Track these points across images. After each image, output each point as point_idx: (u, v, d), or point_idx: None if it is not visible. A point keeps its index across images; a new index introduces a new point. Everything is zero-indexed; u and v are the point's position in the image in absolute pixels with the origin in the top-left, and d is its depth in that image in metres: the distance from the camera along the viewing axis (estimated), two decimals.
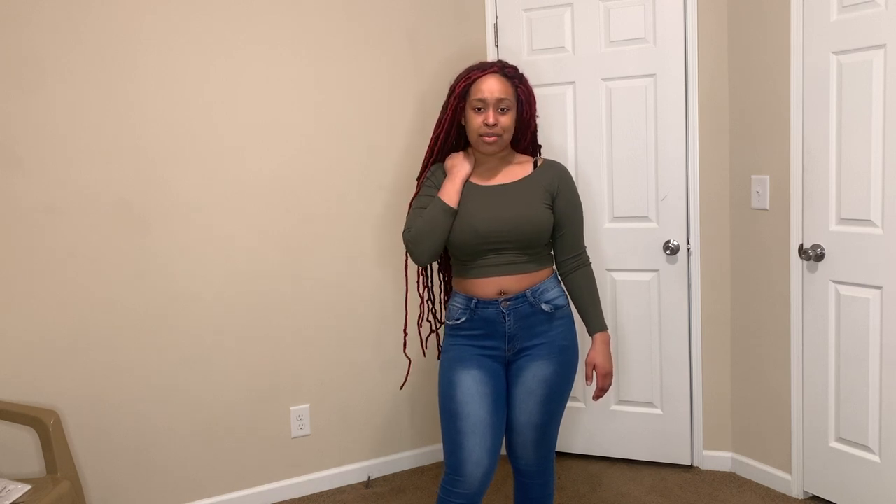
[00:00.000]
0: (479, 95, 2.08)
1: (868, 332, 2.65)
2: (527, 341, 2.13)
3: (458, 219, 2.09)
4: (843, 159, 2.67)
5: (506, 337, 2.12)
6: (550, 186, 2.14)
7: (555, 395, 2.14)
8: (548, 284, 2.15)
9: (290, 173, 3.03)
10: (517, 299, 2.10)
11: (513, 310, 2.10)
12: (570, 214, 2.17)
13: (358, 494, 3.13)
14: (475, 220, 2.08)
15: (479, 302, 2.11)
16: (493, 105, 2.07)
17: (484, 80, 2.09)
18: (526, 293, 2.10)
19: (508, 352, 2.14)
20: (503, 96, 2.08)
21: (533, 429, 2.16)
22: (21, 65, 2.57)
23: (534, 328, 2.12)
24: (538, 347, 2.12)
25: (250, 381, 3.02)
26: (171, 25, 2.78)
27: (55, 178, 2.64)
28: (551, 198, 2.14)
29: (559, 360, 2.13)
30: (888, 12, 2.49)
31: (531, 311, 2.11)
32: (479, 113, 2.09)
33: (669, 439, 3.25)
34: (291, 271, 3.06)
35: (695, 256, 3.14)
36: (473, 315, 2.13)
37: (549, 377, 2.13)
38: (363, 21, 3.12)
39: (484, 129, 2.08)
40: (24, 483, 2.33)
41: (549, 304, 2.12)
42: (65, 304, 2.68)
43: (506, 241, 2.07)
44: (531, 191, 2.12)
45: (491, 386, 2.09)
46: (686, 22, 3.04)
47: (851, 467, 2.75)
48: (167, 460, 2.88)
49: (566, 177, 2.18)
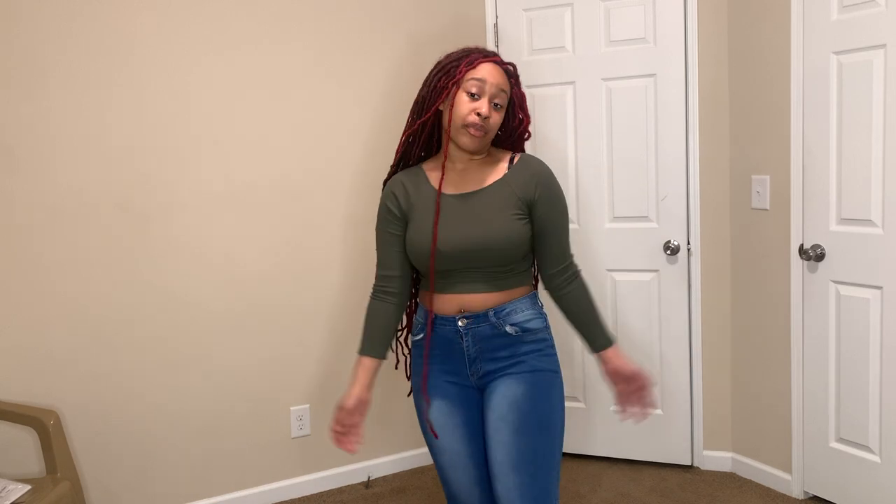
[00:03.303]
0: (479, 75, 1.78)
1: (868, 333, 2.65)
2: (490, 364, 1.83)
3: (418, 235, 1.82)
4: (844, 159, 2.67)
5: (465, 359, 1.84)
6: (525, 193, 1.81)
7: (531, 422, 1.78)
8: (519, 304, 1.83)
9: (291, 174, 3.03)
10: (477, 318, 1.81)
11: (471, 329, 1.82)
12: (553, 222, 1.83)
13: (358, 494, 3.13)
14: (440, 240, 1.79)
15: (436, 318, 1.85)
16: (489, 95, 1.79)
17: (486, 66, 1.80)
18: (488, 313, 1.81)
19: (472, 376, 1.86)
20: (504, 88, 1.81)
21: (512, 470, 1.76)
22: (19, 65, 2.57)
23: (496, 351, 1.82)
24: (504, 368, 1.82)
25: (250, 381, 3.02)
26: (170, 26, 2.78)
27: (54, 179, 2.64)
28: (527, 206, 1.81)
29: (531, 381, 1.80)
30: (888, 12, 2.49)
31: (493, 333, 1.81)
32: (472, 99, 1.78)
33: (669, 439, 3.25)
34: (291, 271, 3.06)
35: (695, 256, 3.14)
36: (432, 332, 1.87)
37: (520, 399, 1.79)
38: (363, 22, 3.12)
39: (473, 119, 1.77)
40: (24, 483, 2.32)
41: (515, 327, 1.81)
42: (65, 304, 2.68)
43: (473, 259, 1.79)
44: (501, 200, 1.80)
45: (460, 416, 1.86)
46: (686, 22, 3.04)
47: (852, 467, 2.75)
48: (167, 460, 2.88)
49: (545, 179, 1.83)
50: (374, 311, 1.89)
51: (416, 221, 1.84)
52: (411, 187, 1.88)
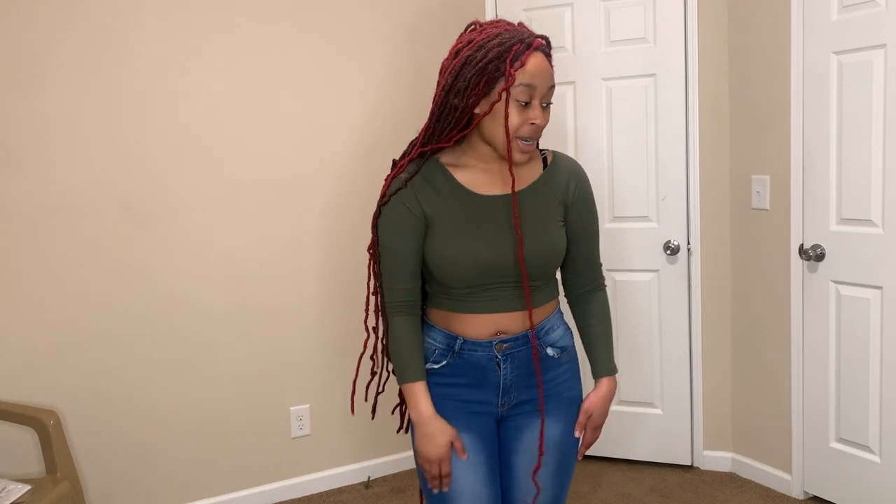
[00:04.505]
0: (529, 80, 1.46)
1: (868, 332, 2.65)
2: (525, 393, 1.64)
3: (452, 244, 1.55)
4: (844, 159, 2.67)
5: (499, 389, 1.63)
6: (565, 195, 1.62)
7: (568, 461, 1.67)
8: (554, 321, 1.66)
9: (291, 173, 3.03)
10: (516, 341, 1.60)
11: (510, 355, 1.61)
12: (587, 228, 1.65)
13: (358, 494, 3.13)
14: (476, 250, 1.54)
15: (465, 343, 1.60)
16: (541, 97, 1.50)
17: (533, 61, 1.47)
18: (528, 334, 1.61)
19: (502, 406, 1.65)
20: (552, 82, 1.51)
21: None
22: (19, 64, 2.57)
23: (533, 377, 1.64)
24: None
25: (250, 381, 3.02)
26: (170, 25, 2.78)
27: (54, 177, 2.64)
28: (564, 209, 1.62)
29: (568, 415, 1.66)
30: (888, 12, 2.49)
31: (532, 357, 1.63)
32: (522, 108, 1.48)
33: (669, 439, 3.25)
34: (292, 271, 3.06)
35: (695, 256, 3.14)
36: (457, 359, 1.62)
37: (560, 439, 1.64)
38: (364, 21, 3.12)
39: (527, 131, 1.50)
40: (24, 483, 2.32)
41: (554, 348, 1.65)
42: (65, 304, 2.68)
43: (514, 274, 1.57)
44: (545, 204, 1.60)
45: (484, 452, 1.62)
46: (686, 22, 3.04)
47: (852, 467, 2.75)
48: (167, 460, 2.88)
49: (582, 179, 1.65)
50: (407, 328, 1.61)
51: (447, 229, 1.56)
52: (431, 184, 1.58)
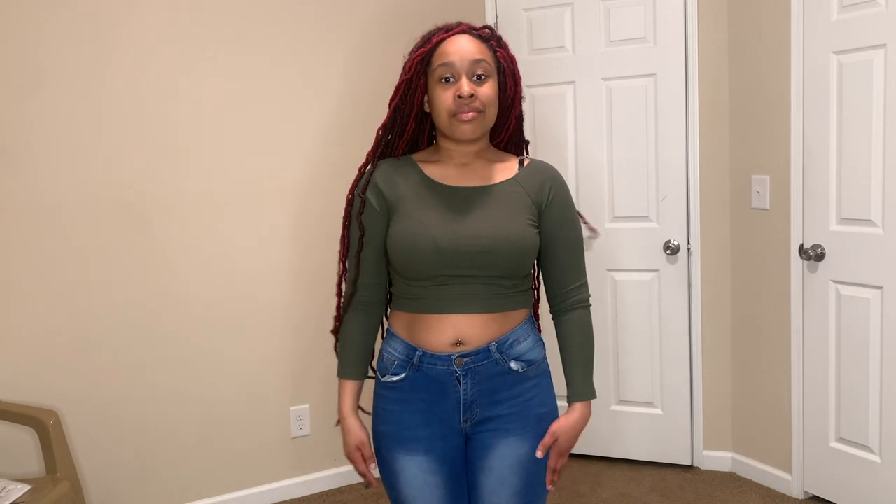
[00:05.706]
0: (445, 59, 1.53)
1: (868, 332, 2.65)
2: (489, 410, 1.57)
3: (411, 225, 1.53)
4: (844, 159, 2.67)
5: (460, 405, 1.56)
6: (539, 196, 1.58)
7: (534, 481, 1.60)
8: (520, 332, 1.58)
9: (291, 173, 3.03)
10: (477, 355, 1.54)
11: (470, 369, 1.55)
12: (565, 234, 1.61)
13: (358, 494, 3.13)
14: (436, 233, 1.51)
15: (424, 355, 1.55)
16: (465, 71, 1.52)
17: (451, 42, 1.55)
18: (490, 347, 1.55)
19: (465, 423, 1.58)
20: (479, 57, 1.53)
21: None
22: (19, 65, 2.57)
23: (497, 392, 1.57)
24: (506, 418, 1.57)
25: (250, 381, 3.02)
26: (170, 24, 2.78)
27: (55, 177, 2.64)
28: (538, 212, 1.58)
29: (535, 433, 1.58)
30: (888, 12, 2.49)
31: (496, 372, 1.56)
32: (447, 85, 1.53)
33: (669, 439, 3.25)
34: (292, 271, 3.06)
35: (695, 256, 3.14)
36: (415, 372, 1.56)
37: (525, 459, 1.58)
38: (363, 21, 3.12)
39: (457, 104, 1.51)
40: (24, 483, 2.32)
41: (519, 362, 1.57)
42: (65, 304, 2.68)
43: (476, 265, 1.52)
44: (514, 199, 1.57)
45: (443, 474, 1.58)
46: (686, 22, 3.04)
47: (852, 467, 2.75)
48: (167, 460, 2.88)
49: (561, 185, 1.62)
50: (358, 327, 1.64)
51: (408, 213, 1.55)
52: (398, 176, 1.60)
